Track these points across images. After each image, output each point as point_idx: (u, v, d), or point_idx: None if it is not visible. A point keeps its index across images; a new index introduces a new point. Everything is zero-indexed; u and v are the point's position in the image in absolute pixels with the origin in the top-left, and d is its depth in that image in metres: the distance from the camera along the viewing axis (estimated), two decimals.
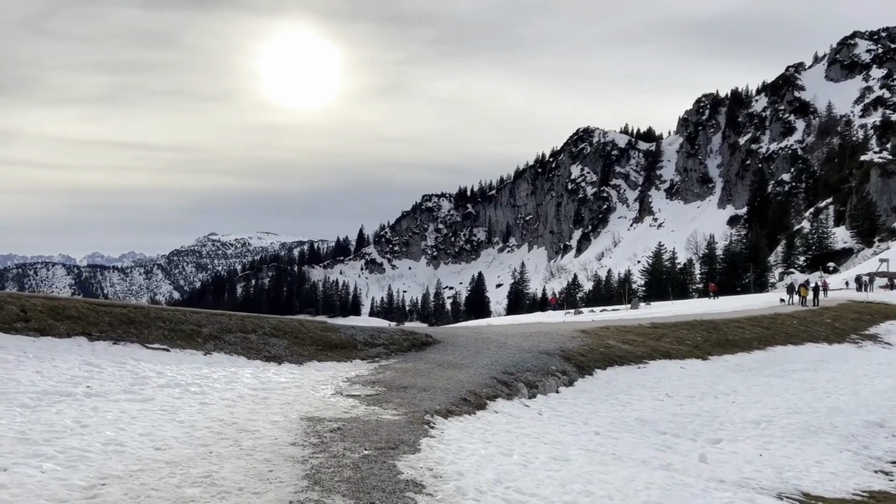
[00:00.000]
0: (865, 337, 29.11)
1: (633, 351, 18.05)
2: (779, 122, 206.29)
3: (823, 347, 25.19)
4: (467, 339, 16.67)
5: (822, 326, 29.83)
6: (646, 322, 23.99)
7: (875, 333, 30.32)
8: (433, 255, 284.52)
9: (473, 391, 11.15)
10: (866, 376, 19.52)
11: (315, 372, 11.73)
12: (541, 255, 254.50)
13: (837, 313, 34.50)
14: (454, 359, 14.20)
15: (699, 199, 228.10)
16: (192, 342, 11.65)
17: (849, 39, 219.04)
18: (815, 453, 11.01)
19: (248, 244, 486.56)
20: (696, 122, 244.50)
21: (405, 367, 12.84)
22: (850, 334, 29.37)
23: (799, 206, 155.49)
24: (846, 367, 21.21)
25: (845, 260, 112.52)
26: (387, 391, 10.39)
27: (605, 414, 12.15)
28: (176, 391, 8.49)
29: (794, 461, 10.30)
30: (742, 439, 11.51)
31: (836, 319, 32.42)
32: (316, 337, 13.74)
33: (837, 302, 40.55)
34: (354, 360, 13.30)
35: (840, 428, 12.63)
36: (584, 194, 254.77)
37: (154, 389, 8.35)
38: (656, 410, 12.97)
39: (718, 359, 19.80)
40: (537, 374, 13.80)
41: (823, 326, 29.96)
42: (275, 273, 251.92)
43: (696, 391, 15.19)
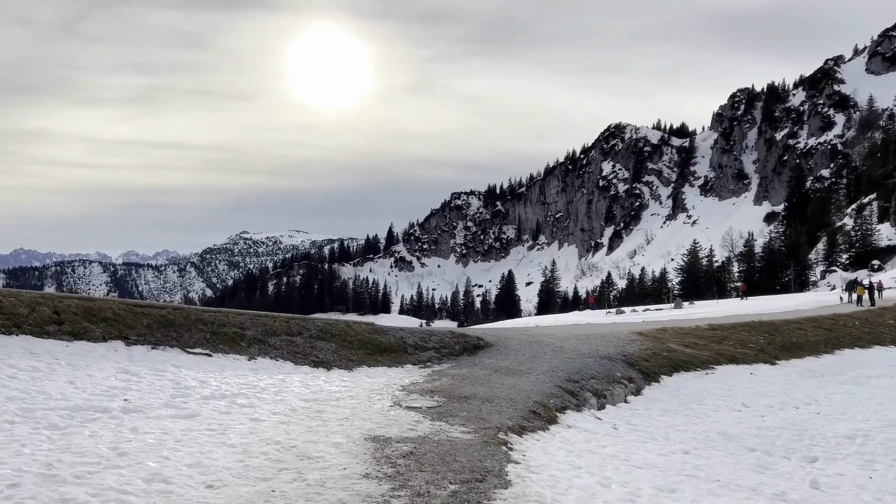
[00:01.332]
0: None
1: (697, 355, 16.84)
2: (817, 116, 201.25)
3: (893, 351, 23.64)
4: (520, 343, 15.63)
5: (885, 328, 28.18)
6: (702, 324, 22.70)
7: None
8: (462, 252, 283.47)
9: (541, 402, 10.13)
10: None
11: (367, 379, 10.81)
12: (571, 253, 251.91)
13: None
14: (511, 364, 13.19)
15: (734, 195, 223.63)
16: (235, 346, 10.82)
17: (890, 31, 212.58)
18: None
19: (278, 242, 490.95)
20: (730, 118, 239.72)
21: (461, 374, 11.86)
22: None
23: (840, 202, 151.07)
24: None
25: (890, 258, 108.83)
26: (448, 402, 9.42)
27: (683, 427, 11.03)
28: (222, 404, 7.62)
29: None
30: (840, 458, 10.30)
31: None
32: (364, 340, 12.83)
33: (894, 302, 38.63)
34: (406, 366, 12.36)
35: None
36: (615, 191, 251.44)
37: (198, 402, 7.48)
38: (737, 423, 11.80)
39: (787, 363, 18.48)
40: (602, 381, 12.72)
41: (887, 328, 28.31)
42: (305, 271, 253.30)
43: (773, 400, 13.96)
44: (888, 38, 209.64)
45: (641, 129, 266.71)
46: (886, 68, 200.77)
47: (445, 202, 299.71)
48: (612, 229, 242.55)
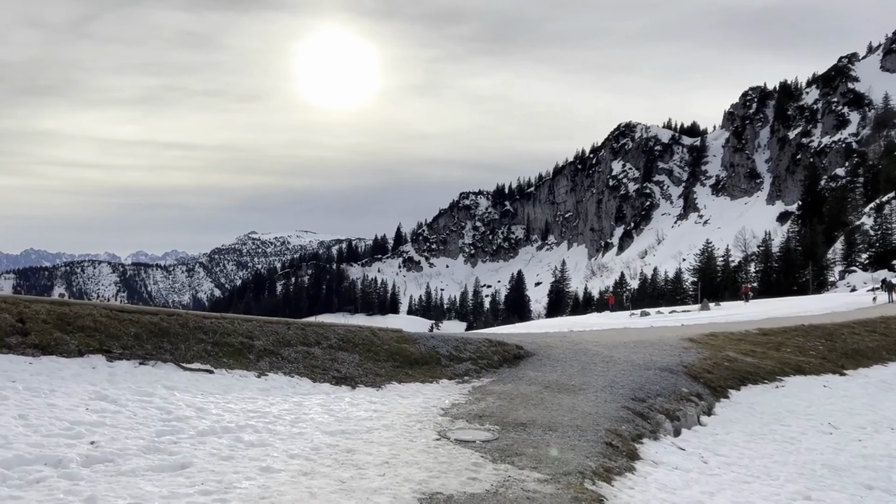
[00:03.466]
0: None
1: (760, 365, 14.96)
2: (831, 114, 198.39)
3: None
4: (564, 352, 13.79)
5: None
6: (751, 328, 20.80)
7: None
8: (471, 252, 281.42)
9: (613, 430, 8.29)
10: None
11: (400, 399, 9.00)
12: (581, 253, 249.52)
13: None
14: (560, 378, 11.35)
15: (746, 195, 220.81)
16: (241, 360, 9.04)
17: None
18: None
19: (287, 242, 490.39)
20: (742, 116, 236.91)
21: (507, 391, 10.04)
22: None
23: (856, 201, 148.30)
24: None
25: None
26: (504, 432, 7.61)
27: (779, 458, 9.18)
28: (224, 443, 5.83)
29: None
30: None
31: None
32: (392, 350, 11.02)
33: None
34: (441, 381, 10.54)
35: None
36: (625, 191, 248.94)
37: (192, 443, 5.70)
38: (836, 451, 9.93)
39: (856, 373, 16.58)
40: (670, 399, 10.87)
41: None
42: (314, 271, 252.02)
43: (861, 419, 12.08)
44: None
45: (652, 128, 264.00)
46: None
47: (454, 202, 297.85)
48: (623, 229, 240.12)
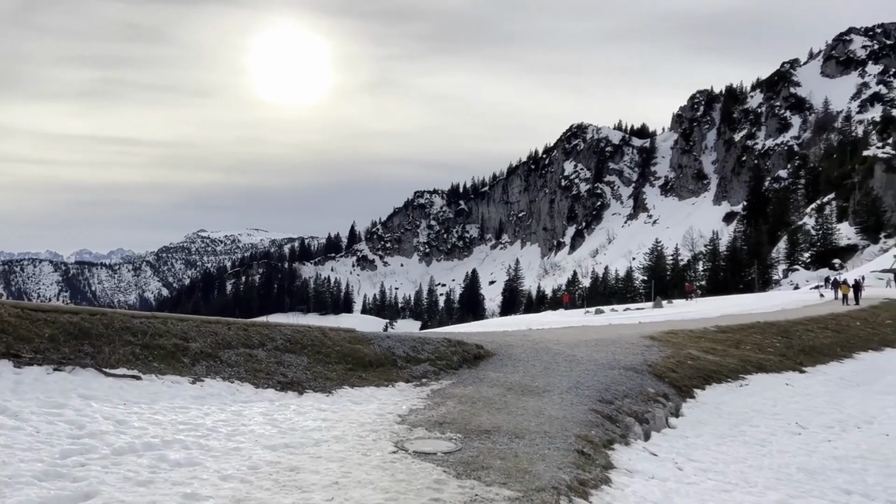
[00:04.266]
0: None
1: (723, 363, 14.66)
2: (774, 118, 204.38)
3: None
4: (525, 352, 13.21)
5: (887, 329, 26.71)
6: (710, 326, 20.65)
7: None
8: (425, 251, 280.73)
9: (583, 436, 7.70)
10: None
11: (353, 406, 8.21)
12: (534, 252, 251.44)
13: (891, 313, 31.42)
14: (523, 379, 10.74)
15: (694, 195, 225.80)
16: (174, 364, 8.12)
17: (844, 36, 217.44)
18: None
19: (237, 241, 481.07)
20: (690, 119, 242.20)
21: (468, 394, 9.37)
22: None
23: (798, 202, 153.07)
24: None
25: (850, 256, 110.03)
26: (466, 440, 6.92)
27: (753, 462, 8.74)
28: (144, 464, 4.97)
29: None
30: None
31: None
32: (344, 351, 10.21)
33: (879, 300, 37.50)
34: (398, 384, 9.79)
35: None
36: (577, 191, 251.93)
37: (103, 465, 4.82)
38: (809, 453, 9.57)
39: (815, 370, 16.49)
40: (637, 400, 10.37)
41: (887, 328, 26.85)
42: (265, 270, 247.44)
43: (827, 418, 11.83)
44: (842, 43, 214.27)
45: (603, 129, 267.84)
46: (840, 71, 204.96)
47: (408, 201, 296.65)
48: (575, 228, 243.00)
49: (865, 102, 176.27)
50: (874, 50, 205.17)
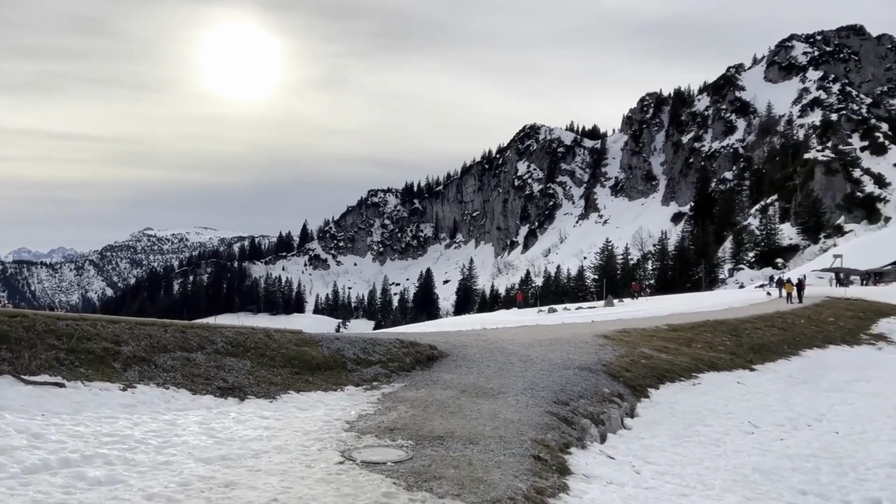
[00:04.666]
0: (876, 337, 26.81)
1: (675, 362, 14.67)
2: (720, 121, 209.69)
3: (847, 351, 22.58)
4: (480, 352, 12.92)
5: (830, 326, 27.42)
6: (661, 324, 20.76)
7: (881, 333, 28.11)
8: (379, 250, 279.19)
9: (539, 440, 7.43)
10: None
11: (298, 412, 7.76)
12: (488, 252, 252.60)
13: (833, 311, 32.31)
14: (478, 381, 10.45)
15: (643, 196, 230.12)
16: (104, 369, 7.54)
17: (786, 42, 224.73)
18: None
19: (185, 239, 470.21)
20: (640, 121, 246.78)
21: (420, 398, 9.02)
22: (858, 334, 27.08)
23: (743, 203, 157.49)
24: (890, 375, 18.43)
25: (792, 256, 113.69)
26: (418, 448, 6.57)
27: (710, 463, 8.62)
28: (58, 483, 4.47)
29: None
30: None
31: (837, 318, 30.17)
32: (290, 354, 9.73)
33: (821, 298, 38.60)
34: (347, 388, 9.37)
35: None
36: (530, 191, 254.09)
37: (10, 486, 4.30)
38: (763, 452, 9.54)
39: (764, 368, 16.67)
40: (593, 401, 10.19)
41: (830, 326, 27.57)
42: (214, 269, 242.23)
43: (779, 416, 11.89)
44: (784, 49, 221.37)
45: (555, 130, 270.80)
46: (783, 77, 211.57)
47: (362, 199, 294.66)
48: (528, 228, 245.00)
49: (806, 107, 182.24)
50: (814, 56, 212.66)
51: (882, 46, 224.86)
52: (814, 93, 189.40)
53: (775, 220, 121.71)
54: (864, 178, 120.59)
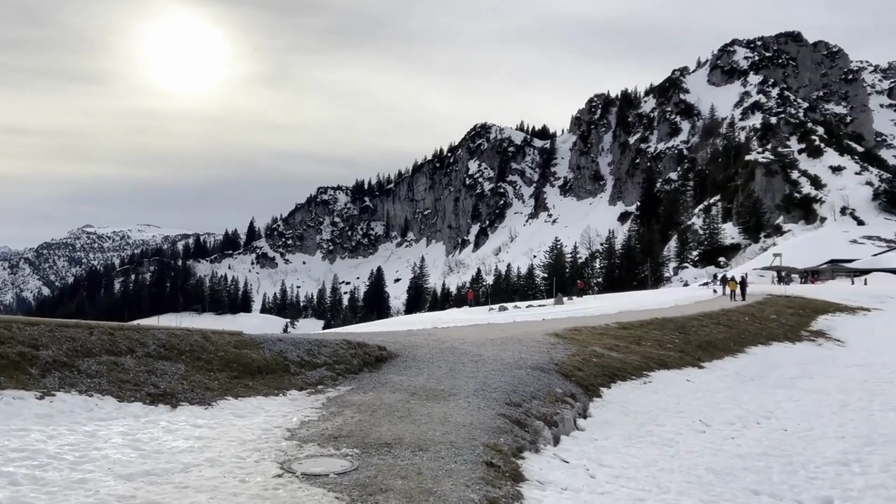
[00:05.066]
0: (816, 334, 27.50)
1: (626, 360, 14.61)
2: (666, 122, 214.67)
3: (790, 347, 23.07)
4: (431, 352, 12.58)
5: (772, 323, 28.04)
6: (611, 322, 20.80)
7: (821, 330, 28.88)
8: (329, 249, 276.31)
9: (491, 445, 7.12)
10: (867, 382, 17.09)
11: (235, 420, 7.26)
12: (439, 250, 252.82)
13: (775, 308, 33.13)
14: (427, 382, 10.10)
15: (591, 195, 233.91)
16: (18, 376, 6.90)
17: (728, 46, 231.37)
18: None
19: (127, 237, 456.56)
20: (588, 122, 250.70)
21: (368, 402, 8.61)
22: (799, 331, 27.75)
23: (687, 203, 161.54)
24: (831, 371, 18.87)
25: (734, 255, 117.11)
26: (364, 456, 6.18)
27: (663, 464, 8.47)
28: None
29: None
30: (857, 497, 8.18)
31: (779, 315, 30.91)
32: (229, 357, 9.18)
33: (763, 296, 39.61)
34: (290, 392, 8.88)
35: None
36: (481, 190, 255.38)
37: None
38: (715, 452, 9.46)
39: (712, 365, 16.80)
40: (546, 401, 9.95)
41: (773, 323, 28.20)
42: (157, 267, 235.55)
43: (728, 414, 11.90)
44: (726, 53, 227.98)
45: (506, 129, 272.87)
46: (725, 80, 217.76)
47: (311, 197, 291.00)
48: (479, 227, 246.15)
49: (747, 110, 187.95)
50: (755, 61, 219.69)
51: (818, 53, 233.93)
52: (754, 96, 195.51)
53: (718, 219, 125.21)
54: (802, 179, 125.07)
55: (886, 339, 28.01)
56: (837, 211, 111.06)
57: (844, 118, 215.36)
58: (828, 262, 75.16)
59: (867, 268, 69.20)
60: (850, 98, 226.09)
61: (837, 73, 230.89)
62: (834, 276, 69.62)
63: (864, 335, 28.46)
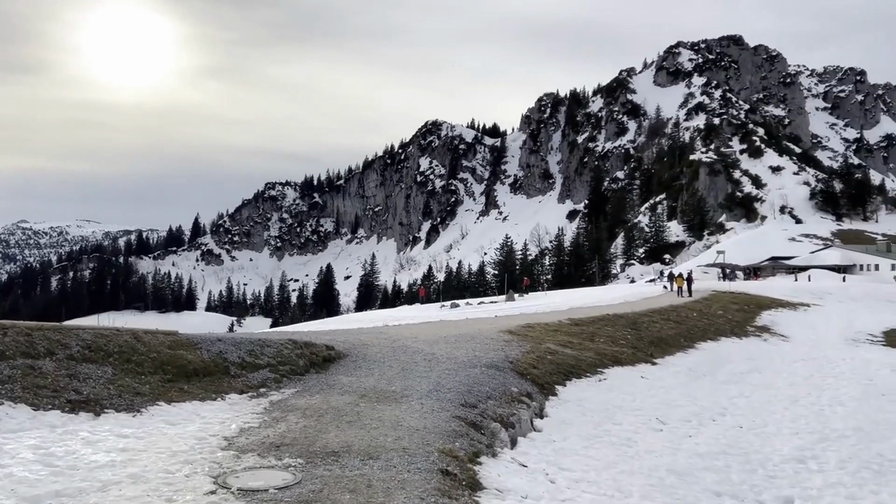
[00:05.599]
0: (761, 329, 28.02)
1: (580, 357, 14.38)
2: (613, 122, 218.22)
3: (737, 343, 23.38)
4: (381, 351, 12.07)
5: (719, 319, 28.44)
6: (564, 319, 20.62)
7: (765, 325, 29.45)
8: (277, 245, 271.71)
9: (447, 450, 6.67)
10: (812, 377, 17.34)
11: (166, 428, 6.62)
12: (390, 247, 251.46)
13: (721, 304, 33.66)
14: (378, 383, 9.60)
15: (541, 193, 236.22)
16: None
17: (673, 48, 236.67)
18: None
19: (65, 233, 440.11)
20: (538, 120, 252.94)
21: (314, 405, 8.06)
22: (745, 326, 28.23)
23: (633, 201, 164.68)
24: (778, 366, 19.13)
25: (679, 252, 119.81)
26: (309, 467, 5.66)
27: (623, 465, 8.18)
28: None
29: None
30: (817, 496, 8.05)
31: (726, 311, 31.40)
32: (162, 359, 8.48)
33: (708, 292, 40.30)
34: (229, 396, 8.25)
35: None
36: (432, 187, 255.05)
37: None
38: (673, 451, 9.24)
39: (664, 362, 16.75)
40: (502, 401, 9.57)
41: (720, 319, 28.60)
42: (97, 264, 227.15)
43: (683, 411, 11.76)
44: (671, 55, 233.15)
45: (457, 127, 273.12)
46: (670, 81, 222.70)
47: (259, 192, 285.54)
48: (430, 224, 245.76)
49: (691, 111, 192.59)
50: (699, 63, 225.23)
51: (758, 56, 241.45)
52: (698, 97, 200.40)
53: (663, 217, 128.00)
54: (744, 178, 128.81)
55: (827, 334, 28.80)
56: (777, 210, 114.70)
57: (782, 120, 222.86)
58: (768, 259, 77.45)
59: (805, 265, 71.56)
60: (787, 101, 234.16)
61: (776, 77, 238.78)
62: (774, 272, 71.77)
63: (806, 330, 29.16)
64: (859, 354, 22.71)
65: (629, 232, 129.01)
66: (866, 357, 21.91)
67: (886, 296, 46.94)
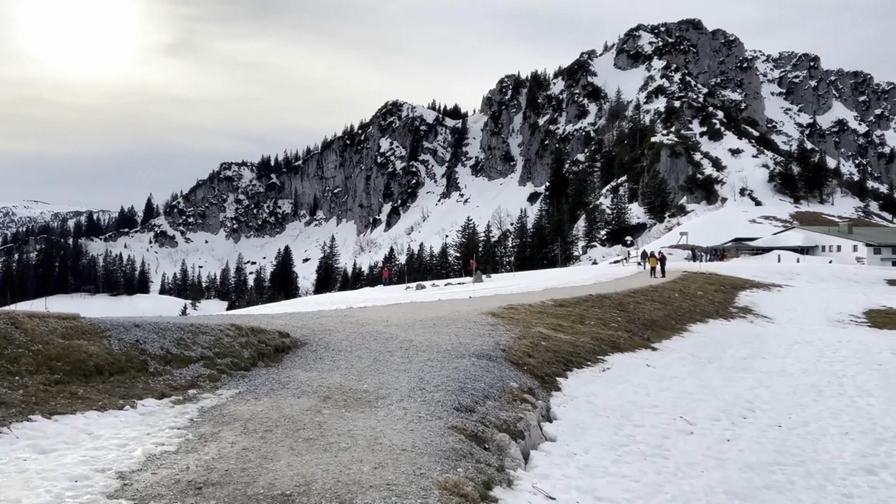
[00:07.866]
0: (743, 310, 26.83)
1: (577, 343, 12.50)
2: (574, 104, 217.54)
3: (725, 325, 22.00)
4: (348, 338, 9.95)
5: (700, 300, 27.13)
6: (546, 300, 18.77)
7: (746, 306, 28.33)
8: (233, 227, 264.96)
9: (448, 485, 4.65)
10: (819, 361, 15.86)
11: (31, 460, 4.43)
12: (350, 229, 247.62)
13: (698, 285, 32.40)
14: (346, 380, 7.49)
15: (502, 176, 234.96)
16: None
17: (634, 31, 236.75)
18: None
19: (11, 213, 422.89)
20: (499, 102, 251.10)
21: (261, 414, 5.93)
22: (728, 307, 27.08)
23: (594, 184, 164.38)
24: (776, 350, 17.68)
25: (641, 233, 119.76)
26: None
27: (671, 489, 6.31)
28: None
29: None
30: None
31: (705, 292, 30.13)
32: (51, 352, 6.23)
33: (680, 273, 39.17)
34: (143, 402, 6.05)
35: None
36: (393, 168, 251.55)
37: None
38: (718, 462, 7.40)
39: (663, 346, 15.04)
40: (503, 402, 7.57)
41: (702, 300, 27.29)
42: (44, 246, 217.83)
43: (708, 407, 9.97)
44: (632, 38, 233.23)
45: (418, 108, 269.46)
46: (631, 64, 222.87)
47: (214, 173, 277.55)
48: (391, 206, 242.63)
49: (651, 94, 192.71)
50: (659, 46, 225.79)
51: (716, 41, 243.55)
52: (658, 81, 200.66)
53: (625, 199, 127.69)
54: (704, 161, 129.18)
55: (807, 314, 27.80)
56: (737, 192, 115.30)
57: (739, 104, 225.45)
58: (732, 240, 77.29)
59: (769, 245, 71.48)
60: (744, 85, 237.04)
61: (733, 62, 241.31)
62: (738, 253, 71.53)
63: (786, 311, 28.14)
64: (851, 336, 21.54)
65: (591, 214, 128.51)
66: (861, 339, 20.71)
67: (852, 276, 46.72)
